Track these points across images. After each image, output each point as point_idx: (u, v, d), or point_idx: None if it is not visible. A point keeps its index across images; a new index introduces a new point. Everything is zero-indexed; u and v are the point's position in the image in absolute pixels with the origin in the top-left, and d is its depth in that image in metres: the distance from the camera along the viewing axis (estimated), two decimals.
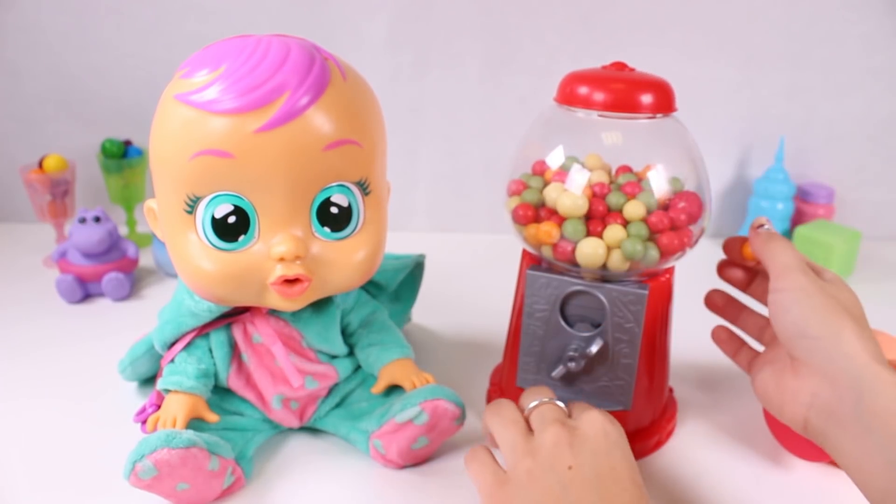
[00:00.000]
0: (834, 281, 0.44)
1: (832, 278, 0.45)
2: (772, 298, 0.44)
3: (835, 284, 0.44)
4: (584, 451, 0.38)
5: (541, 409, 0.42)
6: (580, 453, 0.38)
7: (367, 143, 0.45)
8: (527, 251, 0.53)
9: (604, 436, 0.39)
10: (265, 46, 0.42)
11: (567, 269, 0.50)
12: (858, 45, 0.90)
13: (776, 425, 0.51)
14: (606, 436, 0.39)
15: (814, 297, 0.41)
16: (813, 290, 0.42)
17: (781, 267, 0.44)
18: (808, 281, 0.42)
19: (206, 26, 0.88)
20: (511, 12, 0.89)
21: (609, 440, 0.39)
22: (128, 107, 0.92)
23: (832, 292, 0.42)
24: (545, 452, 0.38)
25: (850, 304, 0.42)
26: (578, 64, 0.52)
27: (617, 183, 0.49)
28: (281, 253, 0.42)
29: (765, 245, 0.46)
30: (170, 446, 0.42)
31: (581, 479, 0.36)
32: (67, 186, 0.84)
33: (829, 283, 0.44)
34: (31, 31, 0.89)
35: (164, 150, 0.43)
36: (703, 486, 0.49)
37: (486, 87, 0.92)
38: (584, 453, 0.38)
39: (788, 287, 0.43)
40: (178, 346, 0.50)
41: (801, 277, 0.42)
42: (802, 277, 0.42)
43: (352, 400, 0.54)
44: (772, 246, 0.45)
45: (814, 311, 0.41)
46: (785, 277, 0.43)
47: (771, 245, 0.46)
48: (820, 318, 0.41)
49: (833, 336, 0.40)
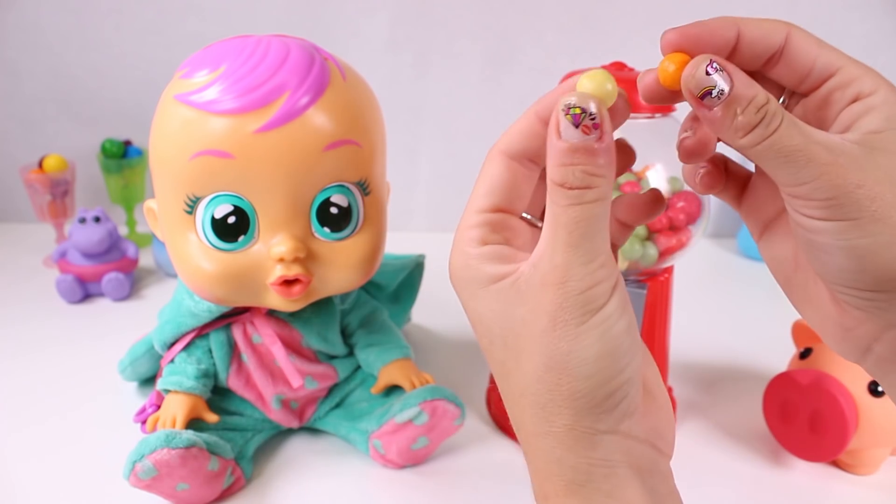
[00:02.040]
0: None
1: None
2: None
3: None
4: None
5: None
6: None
7: (366, 144, 0.45)
8: None
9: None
10: (265, 47, 0.42)
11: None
12: (859, 45, 0.90)
13: (776, 425, 0.51)
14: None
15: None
16: None
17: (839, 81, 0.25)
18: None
19: (206, 26, 0.88)
20: (511, 12, 0.89)
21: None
22: (128, 107, 0.93)
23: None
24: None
25: None
26: (578, 64, 0.52)
27: (616, 182, 0.49)
28: (280, 253, 0.42)
29: (757, 27, 0.25)
30: (169, 446, 0.42)
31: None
32: (67, 186, 0.84)
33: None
34: (31, 31, 0.89)
35: (164, 151, 0.43)
36: (703, 485, 0.49)
37: (486, 87, 0.92)
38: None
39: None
40: (178, 347, 0.50)
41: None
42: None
43: (351, 400, 0.54)
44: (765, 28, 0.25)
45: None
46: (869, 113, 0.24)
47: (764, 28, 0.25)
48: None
49: None
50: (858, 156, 0.23)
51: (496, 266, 0.26)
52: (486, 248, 0.27)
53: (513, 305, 0.26)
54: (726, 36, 0.25)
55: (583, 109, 0.23)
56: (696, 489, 0.50)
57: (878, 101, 0.24)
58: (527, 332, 0.25)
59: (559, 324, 0.24)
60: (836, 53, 0.25)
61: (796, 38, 0.25)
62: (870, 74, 0.25)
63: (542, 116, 0.26)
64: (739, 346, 0.68)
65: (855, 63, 0.25)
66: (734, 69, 0.24)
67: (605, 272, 0.25)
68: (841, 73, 0.25)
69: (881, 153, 0.24)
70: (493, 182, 0.27)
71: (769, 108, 0.24)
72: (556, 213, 0.24)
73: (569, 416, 0.25)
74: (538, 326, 0.25)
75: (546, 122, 0.26)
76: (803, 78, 0.26)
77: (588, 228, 0.24)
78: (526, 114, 0.27)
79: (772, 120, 0.24)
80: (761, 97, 0.24)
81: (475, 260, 0.26)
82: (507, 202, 0.28)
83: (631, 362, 0.25)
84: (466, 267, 0.27)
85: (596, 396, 0.25)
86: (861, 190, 0.23)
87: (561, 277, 0.24)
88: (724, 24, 0.25)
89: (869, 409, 0.46)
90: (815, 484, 0.50)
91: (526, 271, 0.25)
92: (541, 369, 0.25)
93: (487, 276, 0.26)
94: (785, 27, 0.25)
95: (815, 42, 0.25)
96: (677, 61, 0.25)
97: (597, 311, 0.24)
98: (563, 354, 0.24)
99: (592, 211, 0.24)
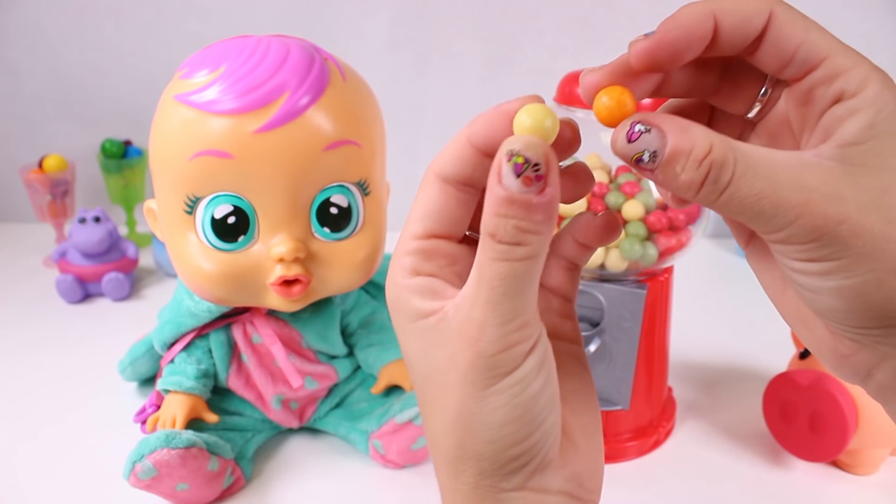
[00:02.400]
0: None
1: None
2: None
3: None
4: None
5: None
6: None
7: (366, 144, 0.45)
8: None
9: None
10: (265, 47, 0.42)
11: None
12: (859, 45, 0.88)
13: (776, 425, 0.51)
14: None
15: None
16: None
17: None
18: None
19: (206, 26, 0.88)
20: (511, 12, 0.89)
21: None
22: (128, 107, 0.93)
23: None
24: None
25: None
26: (578, 64, 0.52)
27: (616, 183, 0.49)
28: (280, 253, 0.42)
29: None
30: (169, 446, 0.42)
31: None
32: (67, 186, 0.84)
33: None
34: (31, 31, 0.89)
35: (164, 151, 0.43)
36: (702, 485, 0.49)
37: (486, 87, 0.92)
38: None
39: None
40: (178, 347, 0.50)
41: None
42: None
43: (351, 400, 0.54)
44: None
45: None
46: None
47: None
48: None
49: None
50: (837, 180, 0.20)
51: (424, 301, 0.24)
52: (416, 279, 0.24)
53: (434, 347, 0.23)
54: (702, 34, 0.21)
55: (526, 160, 0.20)
56: (697, 489, 0.50)
57: (863, 103, 0.21)
58: (442, 380, 0.23)
59: (468, 382, 0.22)
60: (824, 40, 0.22)
61: (779, 20, 0.21)
62: (859, 67, 0.21)
63: (473, 141, 0.23)
64: (739, 346, 0.68)
65: (844, 52, 0.21)
66: (664, 121, 0.21)
67: (523, 334, 0.22)
68: (826, 64, 0.21)
69: (863, 171, 0.20)
70: (428, 207, 0.25)
71: (713, 159, 0.20)
72: (483, 264, 0.22)
73: (472, 475, 0.23)
74: (452, 378, 0.23)
75: (478, 148, 0.23)
76: (784, 66, 0.22)
77: (511, 288, 0.22)
78: (458, 137, 0.24)
79: (720, 172, 0.20)
80: (700, 148, 0.20)
81: (404, 292, 0.24)
82: (441, 227, 0.25)
83: (544, 422, 0.23)
84: (396, 299, 0.24)
85: (499, 460, 0.23)
86: (843, 226, 0.20)
87: (475, 334, 0.22)
88: (699, 20, 0.21)
89: (868, 409, 0.46)
90: (815, 484, 0.50)
91: (449, 313, 0.23)
92: (449, 425, 0.23)
93: (415, 312, 0.24)
94: (767, 6, 0.21)
95: (801, 25, 0.22)
96: (613, 96, 0.22)
97: (506, 374, 0.22)
98: (470, 415, 0.23)
99: (519, 269, 0.21)
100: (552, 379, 0.24)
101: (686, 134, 0.20)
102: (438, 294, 0.24)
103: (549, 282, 0.28)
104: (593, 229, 0.27)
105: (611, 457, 0.51)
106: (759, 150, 0.21)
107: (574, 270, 0.28)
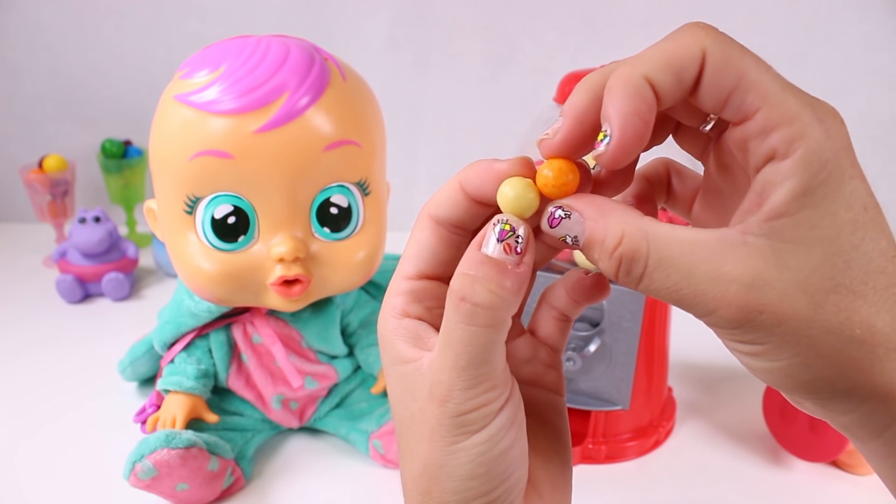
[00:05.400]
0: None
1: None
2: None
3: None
4: None
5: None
6: None
7: (366, 144, 0.45)
8: None
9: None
10: (265, 47, 0.42)
11: (566, 268, 0.50)
12: (859, 45, 0.90)
13: (776, 425, 0.51)
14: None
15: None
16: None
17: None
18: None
19: (206, 26, 0.88)
20: (511, 12, 0.89)
21: None
22: (128, 107, 0.93)
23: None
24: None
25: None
26: (578, 64, 0.52)
27: None
28: (280, 253, 0.42)
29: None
30: (169, 447, 0.42)
31: None
32: (67, 186, 0.84)
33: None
34: (32, 31, 0.89)
35: (164, 151, 0.43)
36: (702, 485, 0.49)
37: (486, 87, 0.92)
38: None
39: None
40: (178, 347, 0.50)
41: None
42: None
43: (351, 400, 0.54)
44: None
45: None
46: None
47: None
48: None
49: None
50: (760, 264, 0.19)
51: (406, 347, 0.24)
52: (404, 322, 0.24)
53: (409, 395, 0.24)
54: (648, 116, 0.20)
55: (512, 229, 0.22)
56: (697, 489, 0.50)
57: (795, 168, 0.18)
58: (415, 429, 0.24)
59: (437, 436, 0.23)
60: (760, 85, 0.19)
61: (712, 63, 0.19)
62: (795, 122, 0.18)
63: (465, 187, 0.24)
64: None
65: (780, 102, 0.19)
66: (586, 205, 0.21)
67: (491, 395, 0.22)
68: (758, 118, 0.19)
69: (793, 250, 0.19)
70: (420, 247, 0.25)
71: (622, 252, 0.20)
72: (449, 329, 0.22)
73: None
74: (423, 429, 0.23)
75: (468, 194, 0.24)
76: (721, 109, 0.20)
77: (476, 356, 0.22)
78: (451, 181, 0.24)
79: (631, 266, 0.20)
80: (610, 240, 0.20)
81: (392, 333, 0.25)
82: (433, 268, 0.25)
83: (510, 477, 0.23)
84: (384, 338, 0.25)
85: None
86: (763, 316, 0.19)
87: (443, 395, 0.22)
88: (640, 107, 0.20)
89: None
90: (815, 484, 0.50)
91: (424, 366, 0.23)
92: (417, 472, 0.24)
93: (396, 356, 0.24)
94: (698, 47, 0.20)
95: (736, 69, 0.19)
96: (554, 168, 0.23)
97: (475, 432, 0.22)
98: (437, 466, 0.23)
99: (483, 337, 0.21)
100: (522, 435, 0.24)
101: (600, 222, 0.21)
102: (421, 341, 0.24)
103: (539, 331, 0.28)
104: (583, 289, 0.27)
105: (611, 457, 0.51)
106: (679, 236, 0.20)
107: (565, 322, 0.28)
